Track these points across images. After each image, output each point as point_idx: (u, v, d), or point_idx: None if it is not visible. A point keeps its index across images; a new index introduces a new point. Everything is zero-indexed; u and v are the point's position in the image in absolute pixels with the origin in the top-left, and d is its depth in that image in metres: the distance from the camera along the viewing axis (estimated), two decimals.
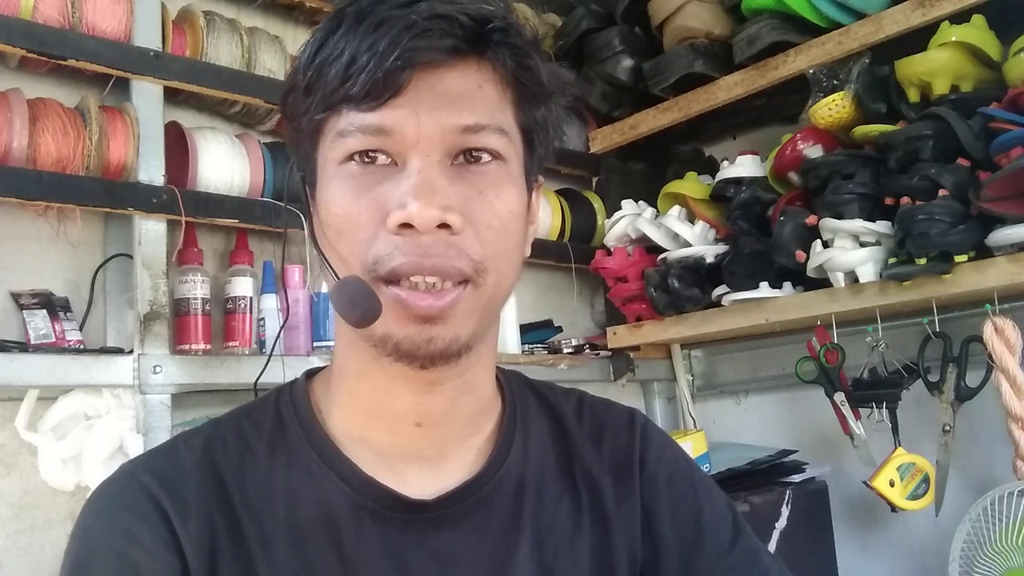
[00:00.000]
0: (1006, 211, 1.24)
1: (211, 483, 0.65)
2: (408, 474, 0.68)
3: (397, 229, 0.59)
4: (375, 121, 0.61)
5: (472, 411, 0.71)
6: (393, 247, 0.60)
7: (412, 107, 0.61)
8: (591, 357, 1.81)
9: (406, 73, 0.60)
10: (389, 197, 0.60)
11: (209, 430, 0.70)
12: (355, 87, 0.60)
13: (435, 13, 0.60)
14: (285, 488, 0.66)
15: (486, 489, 0.69)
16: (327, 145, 0.64)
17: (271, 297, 1.44)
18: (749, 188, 1.59)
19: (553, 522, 0.71)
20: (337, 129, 0.62)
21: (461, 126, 0.62)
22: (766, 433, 1.79)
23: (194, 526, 0.63)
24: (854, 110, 1.43)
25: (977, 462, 1.48)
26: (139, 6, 1.32)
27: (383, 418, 0.68)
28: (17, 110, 1.19)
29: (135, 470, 0.66)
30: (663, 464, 0.77)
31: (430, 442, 0.69)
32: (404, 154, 0.61)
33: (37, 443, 1.18)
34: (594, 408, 0.80)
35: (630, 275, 1.76)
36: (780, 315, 1.54)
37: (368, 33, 0.60)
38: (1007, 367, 1.28)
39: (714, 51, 1.65)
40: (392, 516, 0.66)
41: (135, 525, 0.62)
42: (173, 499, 0.63)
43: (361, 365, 0.67)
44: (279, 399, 0.72)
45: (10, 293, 1.26)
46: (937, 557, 1.47)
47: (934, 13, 1.34)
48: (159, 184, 1.30)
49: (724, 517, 0.76)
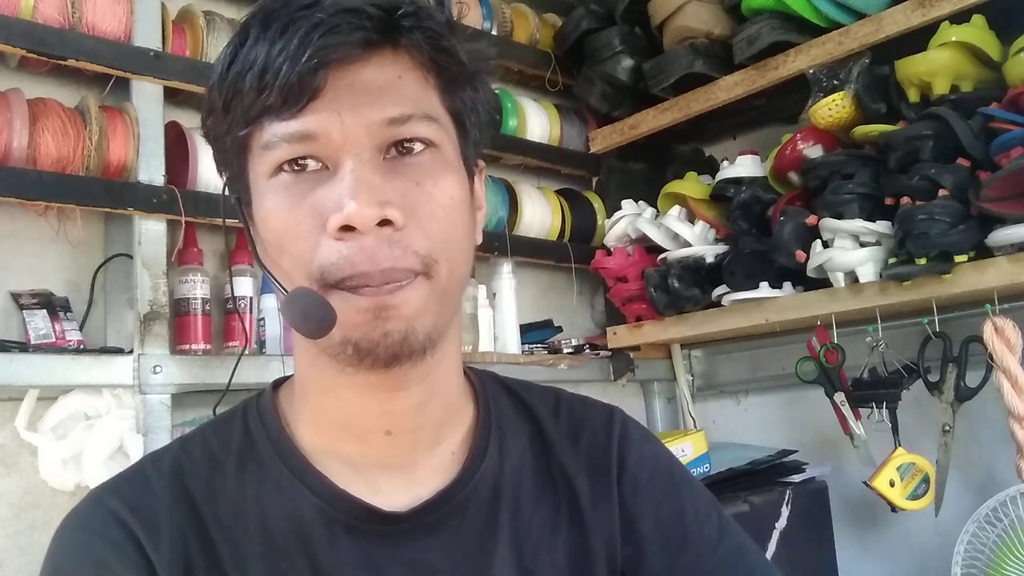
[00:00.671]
0: (1006, 211, 1.24)
1: (181, 505, 0.64)
2: (381, 483, 0.67)
3: (338, 233, 0.58)
4: (297, 128, 0.59)
5: (441, 415, 0.69)
6: (337, 254, 0.58)
7: (333, 108, 0.59)
8: (591, 357, 1.81)
9: (321, 74, 0.58)
10: (325, 202, 0.59)
11: (176, 451, 0.68)
12: (271, 96, 0.58)
13: (341, 8, 0.58)
14: (256, 504, 0.65)
15: (461, 496, 0.68)
16: (255, 160, 0.62)
17: (271, 297, 1.44)
18: (749, 188, 1.59)
19: (531, 523, 0.70)
20: (262, 142, 0.60)
21: (386, 119, 0.60)
22: (766, 433, 1.79)
23: (167, 550, 0.62)
24: (854, 110, 1.43)
25: (977, 462, 1.48)
26: (139, 6, 1.32)
27: (352, 430, 0.67)
28: (17, 110, 1.19)
29: (103, 496, 0.65)
30: (643, 463, 0.76)
31: (401, 450, 0.67)
32: (334, 157, 0.60)
33: (37, 443, 1.18)
34: (571, 407, 0.78)
35: (630, 275, 1.76)
36: (780, 315, 1.54)
37: (276, 38, 0.58)
38: (1008, 367, 1.28)
39: (714, 51, 1.65)
40: (366, 528, 0.65)
41: (107, 553, 0.61)
42: (144, 524, 0.62)
43: (325, 380, 0.66)
44: (247, 413, 0.70)
45: (10, 293, 1.26)
46: (937, 557, 1.47)
47: (934, 13, 1.34)
48: (159, 184, 1.30)
49: (708, 515, 0.75)
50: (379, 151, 0.60)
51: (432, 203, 0.61)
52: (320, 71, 0.58)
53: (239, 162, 0.64)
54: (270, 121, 0.59)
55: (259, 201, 0.62)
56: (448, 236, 0.62)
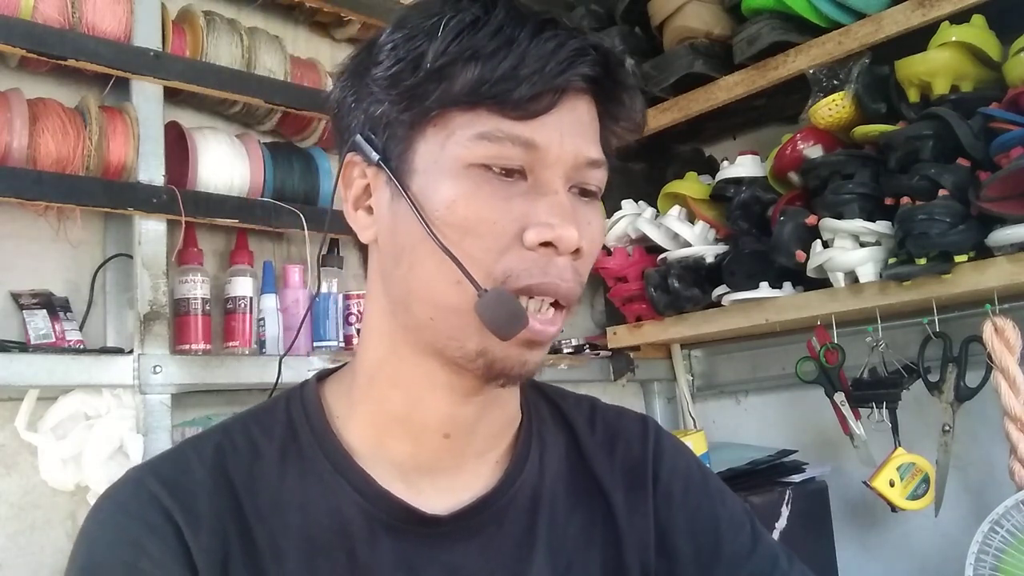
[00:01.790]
0: (1006, 211, 1.24)
1: (223, 492, 0.64)
2: (423, 485, 0.67)
3: (537, 247, 0.60)
4: (527, 134, 0.59)
5: (499, 425, 0.70)
6: (531, 263, 0.60)
7: (558, 128, 0.60)
8: (591, 357, 1.81)
9: (561, 93, 0.60)
10: (528, 212, 0.60)
11: (219, 437, 0.68)
12: (519, 92, 0.58)
13: (591, 43, 0.60)
14: (297, 497, 0.65)
15: (501, 503, 0.68)
16: (450, 139, 0.60)
17: (271, 297, 1.44)
18: (749, 188, 1.59)
19: (565, 535, 0.70)
20: (478, 130, 0.59)
21: (588, 159, 0.63)
22: (766, 433, 1.79)
23: (205, 537, 0.61)
24: (854, 110, 1.43)
25: (977, 462, 1.48)
26: (139, 6, 1.32)
27: (410, 427, 0.67)
28: (17, 110, 1.19)
29: (143, 478, 0.64)
30: (677, 475, 0.76)
31: (451, 454, 0.68)
32: (538, 172, 0.61)
33: (37, 443, 1.18)
34: (606, 417, 0.78)
35: (630, 275, 1.76)
36: (780, 315, 1.54)
37: (536, 40, 0.58)
38: (1006, 367, 1.28)
39: (714, 51, 1.65)
40: (406, 529, 0.65)
41: (144, 536, 0.61)
42: (184, 510, 0.62)
43: (400, 373, 0.66)
44: (290, 404, 0.70)
45: (10, 293, 1.26)
46: (937, 557, 1.48)
47: (934, 13, 1.34)
48: (159, 184, 1.30)
49: (741, 523, 0.76)
50: (568, 183, 0.63)
51: (593, 242, 0.65)
52: (566, 90, 0.60)
53: (412, 128, 0.62)
54: (491, 112, 0.59)
55: (440, 181, 0.61)
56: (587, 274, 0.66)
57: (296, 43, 1.65)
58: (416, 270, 0.62)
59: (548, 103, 0.59)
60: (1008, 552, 1.24)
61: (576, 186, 0.63)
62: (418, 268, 0.62)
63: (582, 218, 0.62)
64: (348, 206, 0.68)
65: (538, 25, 0.59)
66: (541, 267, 0.60)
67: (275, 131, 1.58)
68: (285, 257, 1.57)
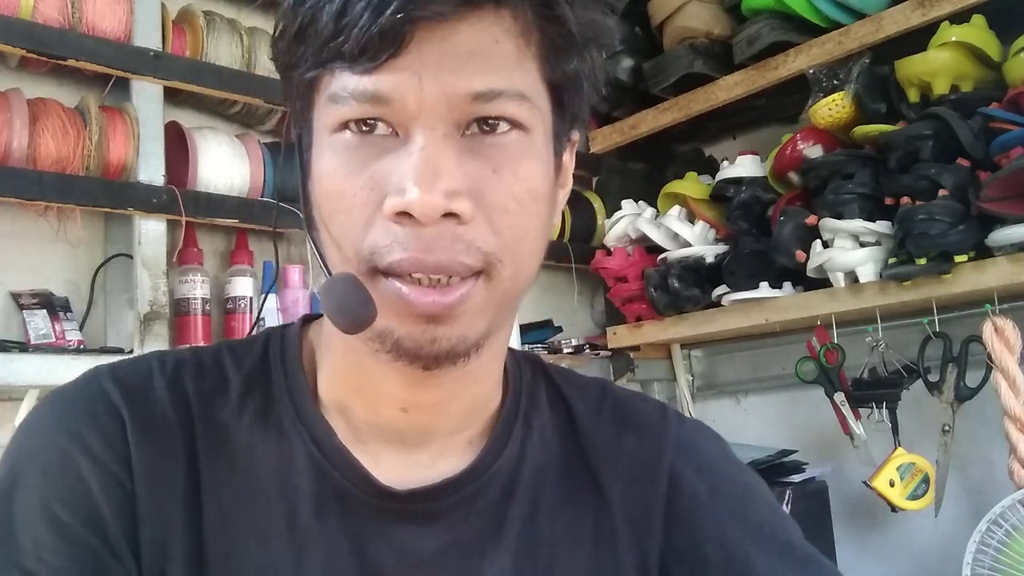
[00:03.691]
0: (1006, 211, 1.24)
1: (177, 409, 0.59)
2: (384, 456, 0.61)
3: (395, 217, 0.51)
4: (370, 86, 0.51)
5: (470, 403, 0.62)
6: (392, 238, 0.51)
7: (414, 69, 0.50)
8: (591, 357, 1.81)
9: (407, 28, 0.49)
10: (388, 176, 0.51)
11: (187, 354, 0.63)
12: (347, 42, 0.49)
13: None
14: (250, 435, 0.60)
15: (469, 489, 0.61)
16: (320, 109, 0.54)
17: (271, 297, 1.44)
18: (749, 188, 1.59)
19: (550, 531, 0.63)
20: (329, 92, 0.53)
21: (472, 93, 0.51)
22: (766, 433, 1.79)
23: (148, 447, 0.57)
24: (854, 110, 1.43)
25: (977, 462, 1.48)
26: (139, 6, 1.32)
27: (365, 396, 0.60)
28: (17, 110, 1.19)
29: (98, 375, 0.59)
30: (703, 472, 0.67)
31: (413, 429, 0.61)
32: (405, 124, 0.52)
33: None
34: (618, 403, 0.70)
35: (630, 275, 1.76)
36: (780, 315, 1.54)
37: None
38: (1006, 367, 1.28)
39: (714, 51, 1.65)
40: (357, 498, 0.59)
41: (85, 427, 0.56)
42: (133, 413, 0.57)
43: (348, 343, 0.58)
44: (268, 341, 0.64)
45: (10, 293, 1.26)
46: (937, 557, 1.48)
47: (934, 13, 1.34)
48: (159, 184, 1.30)
49: (774, 525, 0.66)
50: (457, 127, 0.52)
51: (507, 195, 0.53)
52: (407, 25, 0.49)
53: (305, 102, 0.56)
54: (341, 69, 0.51)
55: (318, 155, 0.55)
56: (519, 233, 0.54)
57: None
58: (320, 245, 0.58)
59: (387, 45, 0.49)
60: (1006, 551, 1.24)
61: (475, 122, 0.52)
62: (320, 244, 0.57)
63: (476, 167, 0.52)
64: None
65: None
66: (403, 241, 0.51)
67: (275, 131, 1.58)
68: (285, 257, 1.56)
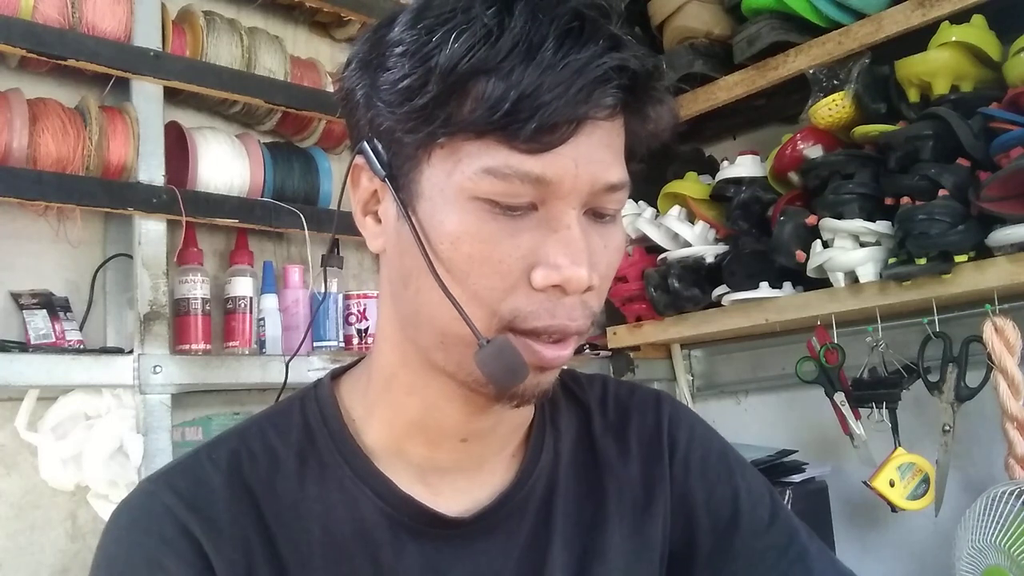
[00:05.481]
0: (1006, 211, 1.24)
1: (242, 501, 0.62)
2: (442, 487, 0.66)
3: (545, 288, 0.56)
4: (536, 169, 0.54)
5: (517, 422, 0.70)
6: (538, 304, 0.57)
7: (572, 157, 0.55)
8: (591, 357, 1.81)
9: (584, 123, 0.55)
10: (536, 249, 0.56)
11: (234, 442, 0.66)
12: (530, 125, 0.53)
13: (618, 65, 0.54)
14: (319, 504, 0.64)
15: (519, 497, 0.68)
16: (455, 167, 0.56)
17: (271, 297, 1.44)
18: (749, 188, 1.59)
19: (580, 519, 0.69)
20: (485, 164, 0.54)
21: (607, 184, 0.58)
22: (766, 433, 1.79)
23: (227, 548, 0.60)
24: (854, 110, 1.43)
25: (977, 462, 1.48)
26: (139, 6, 1.32)
27: (428, 433, 0.66)
28: (17, 110, 1.19)
29: (157, 491, 0.62)
30: (695, 444, 0.75)
31: (470, 456, 0.67)
32: (550, 204, 0.56)
33: (37, 443, 1.18)
34: (618, 395, 0.77)
35: (630, 275, 1.76)
36: (780, 315, 1.54)
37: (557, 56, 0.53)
38: (1006, 367, 1.28)
39: (714, 51, 1.65)
40: (429, 532, 0.64)
41: (160, 552, 0.59)
42: (201, 521, 0.60)
43: (414, 381, 0.64)
44: (305, 406, 0.68)
45: (10, 293, 1.26)
46: (937, 557, 1.47)
47: (934, 13, 1.33)
48: (159, 184, 1.30)
49: (761, 495, 0.75)
50: (583, 207, 0.58)
51: (609, 264, 0.61)
52: (585, 121, 0.55)
53: (416, 151, 0.57)
54: (501, 143, 0.54)
55: (445, 211, 0.57)
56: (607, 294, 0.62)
57: (296, 43, 1.65)
58: (423, 296, 0.59)
59: (563, 135, 0.54)
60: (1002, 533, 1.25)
61: (592, 209, 0.59)
62: (425, 295, 0.59)
63: (597, 244, 0.59)
64: (357, 210, 0.65)
65: (561, 35, 0.53)
66: (549, 309, 0.57)
67: (275, 131, 1.58)
68: (285, 257, 1.57)
